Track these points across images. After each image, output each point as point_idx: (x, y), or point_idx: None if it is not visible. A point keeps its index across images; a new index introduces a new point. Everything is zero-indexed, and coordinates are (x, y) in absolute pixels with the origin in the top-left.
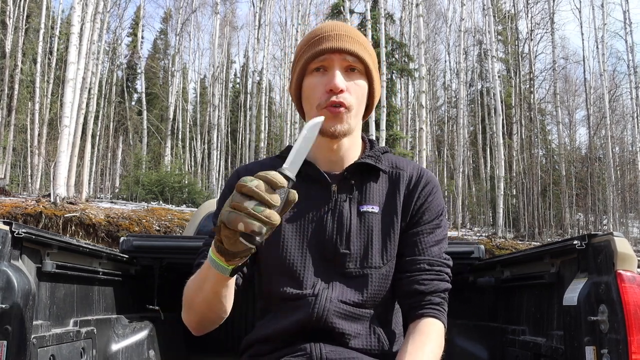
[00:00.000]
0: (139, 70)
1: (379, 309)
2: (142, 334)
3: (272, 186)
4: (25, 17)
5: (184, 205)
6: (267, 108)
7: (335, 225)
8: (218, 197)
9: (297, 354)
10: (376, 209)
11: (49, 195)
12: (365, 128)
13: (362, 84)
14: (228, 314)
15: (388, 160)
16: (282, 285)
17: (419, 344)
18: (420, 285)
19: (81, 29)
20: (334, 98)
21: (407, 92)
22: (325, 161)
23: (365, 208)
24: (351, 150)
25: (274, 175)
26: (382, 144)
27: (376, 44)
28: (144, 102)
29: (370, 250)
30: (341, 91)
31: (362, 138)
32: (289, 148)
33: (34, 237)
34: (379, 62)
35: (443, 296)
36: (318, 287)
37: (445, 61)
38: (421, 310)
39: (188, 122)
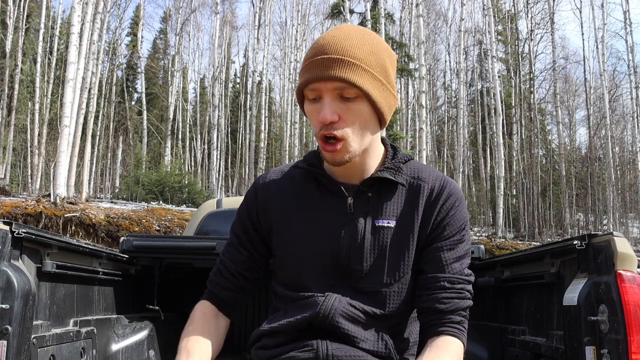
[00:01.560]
0: (138, 70)
1: (389, 321)
2: (142, 334)
3: None
4: (25, 17)
5: (184, 205)
6: (267, 108)
7: (350, 240)
8: (223, 197)
9: (304, 350)
10: (392, 224)
11: (49, 195)
12: None
13: (359, 108)
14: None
15: (410, 169)
16: (294, 292)
17: (435, 357)
18: (441, 304)
19: (81, 29)
20: (324, 130)
21: (407, 92)
22: (342, 173)
23: (380, 223)
24: (368, 162)
25: None
26: None
27: None
28: (144, 102)
29: (385, 268)
30: (332, 122)
31: (385, 144)
32: (313, 152)
33: (34, 237)
34: None
35: (464, 314)
36: (328, 293)
37: (445, 61)
38: (441, 327)
39: (188, 122)
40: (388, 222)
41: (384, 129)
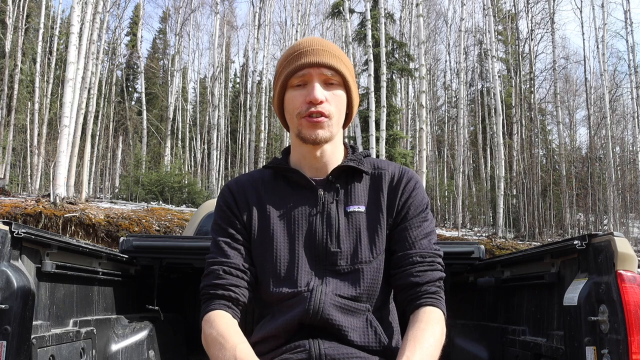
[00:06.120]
0: (138, 70)
1: (374, 304)
2: (142, 334)
3: None
4: (25, 17)
5: (184, 205)
6: (267, 108)
7: (325, 226)
8: (214, 209)
9: (296, 351)
10: (362, 208)
11: (49, 195)
12: (366, 128)
13: (341, 94)
14: None
15: (369, 162)
16: (277, 288)
17: (420, 331)
18: (415, 277)
19: (81, 28)
20: (312, 108)
21: (407, 92)
22: (310, 168)
23: (351, 208)
24: (334, 156)
25: None
26: (382, 144)
27: (376, 44)
28: (144, 102)
29: (360, 247)
30: (320, 102)
31: (344, 145)
32: (275, 159)
33: (33, 237)
34: (379, 62)
35: (438, 285)
36: (312, 283)
37: (446, 61)
38: (419, 300)
39: (188, 122)
40: (358, 207)
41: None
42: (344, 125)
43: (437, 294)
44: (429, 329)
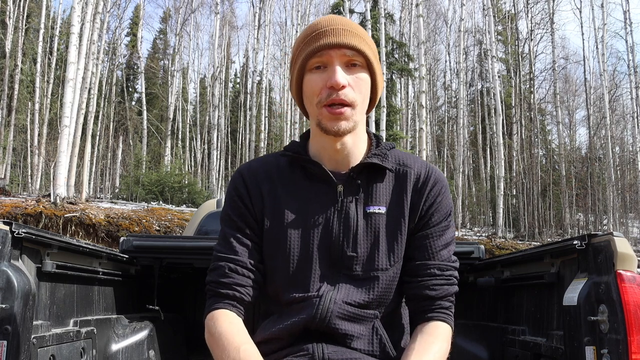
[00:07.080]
0: (138, 70)
1: (384, 311)
2: (142, 334)
3: None
4: (25, 17)
5: (184, 205)
6: (267, 108)
7: (342, 227)
8: (223, 197)
9: (300, 354)
10: (383, 210)
11: (49, 195)
12: None
13: (365, 77)
14: None
15: (395, 156)
16: (288, 289)
17: (426, 344)
18: (432, 290)
19: (81, 29)
20: (334, 95)
21: (407, 92)
22: (330, 160)
23: (371, 209)
24: (356, 147)
25: None
26: None
27: (376, 44)
28: (144, 102)
29: (377, 253)
30: (342, 87)
31: (368, 134)
32: (294, 145)
33: (34, 237)
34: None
35: (452, 300)
36: (323, 289)
37: (445, 61)
38: (431, 313)
39: (188, 122)
40: (379, 209)
41: (368, 120)
42: (368, 111)
43: (450, 309)
44: (436, 342)
